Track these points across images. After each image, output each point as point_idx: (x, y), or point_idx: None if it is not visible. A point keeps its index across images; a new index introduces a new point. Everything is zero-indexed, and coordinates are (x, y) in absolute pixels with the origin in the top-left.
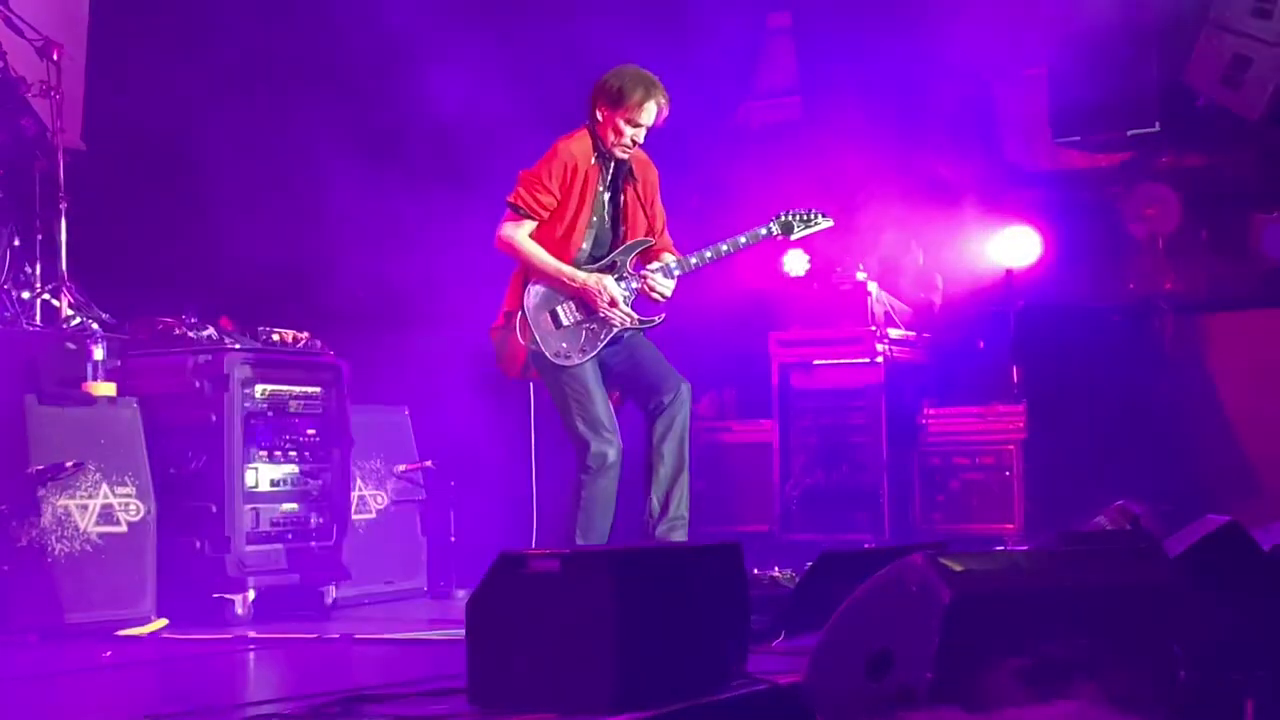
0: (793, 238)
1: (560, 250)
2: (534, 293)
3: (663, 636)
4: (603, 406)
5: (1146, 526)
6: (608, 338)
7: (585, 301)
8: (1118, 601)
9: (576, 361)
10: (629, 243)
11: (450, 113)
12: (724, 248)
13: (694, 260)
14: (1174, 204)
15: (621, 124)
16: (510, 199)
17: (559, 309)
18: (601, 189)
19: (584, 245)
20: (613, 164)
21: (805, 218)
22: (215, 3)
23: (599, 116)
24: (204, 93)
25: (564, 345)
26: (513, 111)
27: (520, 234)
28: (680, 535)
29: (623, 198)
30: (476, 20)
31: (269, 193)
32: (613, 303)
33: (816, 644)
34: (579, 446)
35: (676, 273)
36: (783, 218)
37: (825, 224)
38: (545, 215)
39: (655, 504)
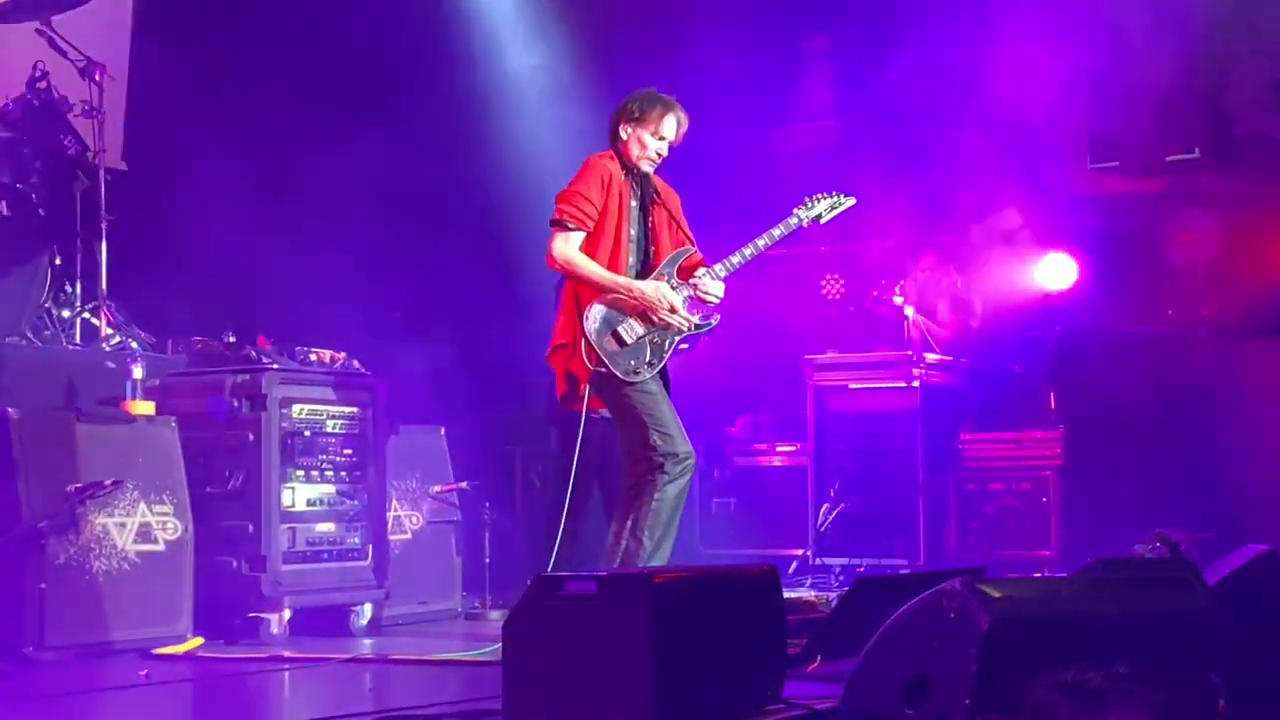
0: (822, 221)
1: (611, 266)
2: (593, 316)
3: (699, 660)
4: (672, 416)
5: (1185, 554)
6: (671, 347)
7: (643, 314)
8: (1157, 629)
9: (646, 375)
10: (672, 254)
11: (489, 137)
12: (761, 242)
13: (736, 260)
14: (1213, 229)
15: (646, 138)
16: (554, 217)
17: (620, 329)
18: (634, 204)
19: (630, 259)
20: (639, 184)
21: (831, 201)
22: (256, 24)
23: (623, 135)
24: (244, 112)
25: (632, 362)
26: (554, 138)
27: (572, 249)
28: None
29: (650, 219)
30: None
31: (308, 213)
32: (672, 309)
33: (853, 669)
34: (655, 457)
35: (722, 274)
36: (808, 204)
37: (849, 202)
38: (591, 225)
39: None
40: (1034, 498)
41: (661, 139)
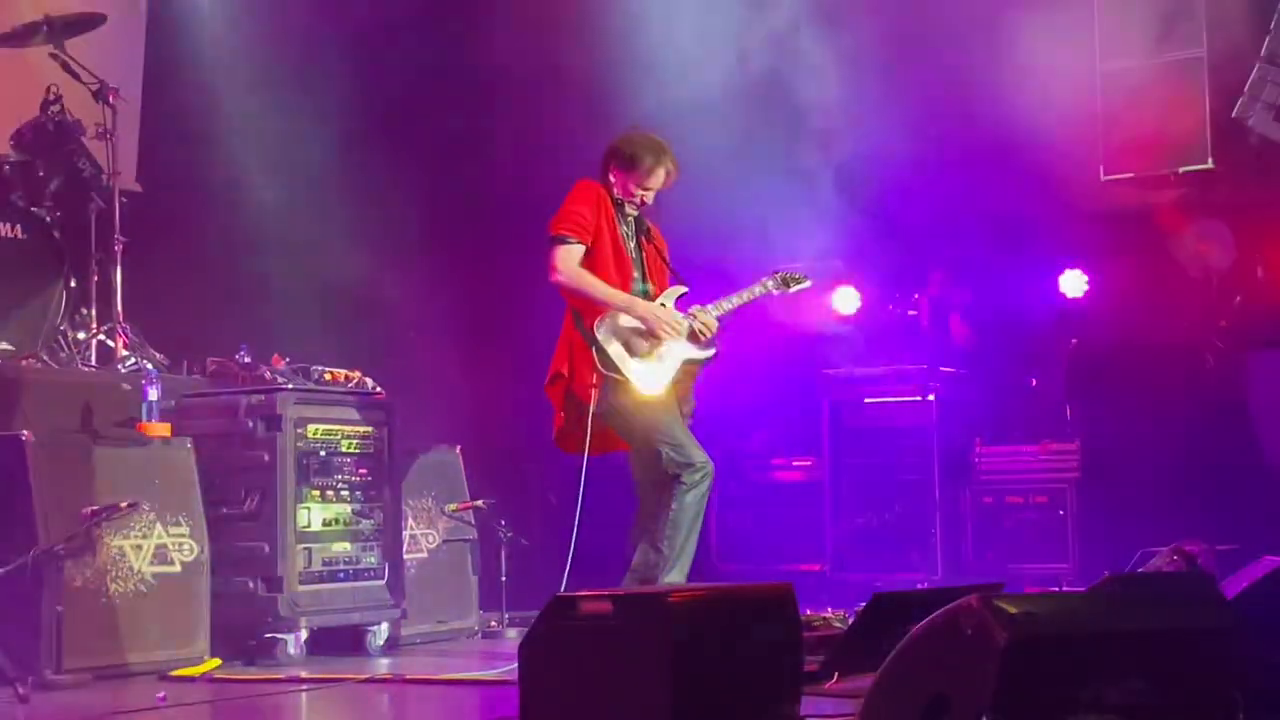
0: (790, 291)
1: (621, 286)
2: (604, 326)
3: (716, 678)
4: (682, 429)
5: (1203, 567)
6: (674, 369)
7: (646, 334)
8: (1175, 644)
9: (658, 390)
10: (670, 289)
11: (501, 146)
12: (735, 300)
13: (726, 305)
14: (1228, 241)
15: (632, 187)
16: (551, 234)
17: (629, 341)
18: (624, 230)
19: (635, 274)
20: (628, 216)
21: (795, 277)
22: (269, 44)
23: (611, 179)
24: (257, 133)
25: (645, 374)
26: (568, 148)
27: (574, 263)
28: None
29: (644, 253)
30: (524, 55)
31: (322, 232)
32: (674, 327)
33: (870, 687)
34: (671, 469)
35: (715, 314)
36: (779, 275)
37: (807, 284)
38: (588, 239)
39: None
40: (1051, 511)
41: (647, 190)
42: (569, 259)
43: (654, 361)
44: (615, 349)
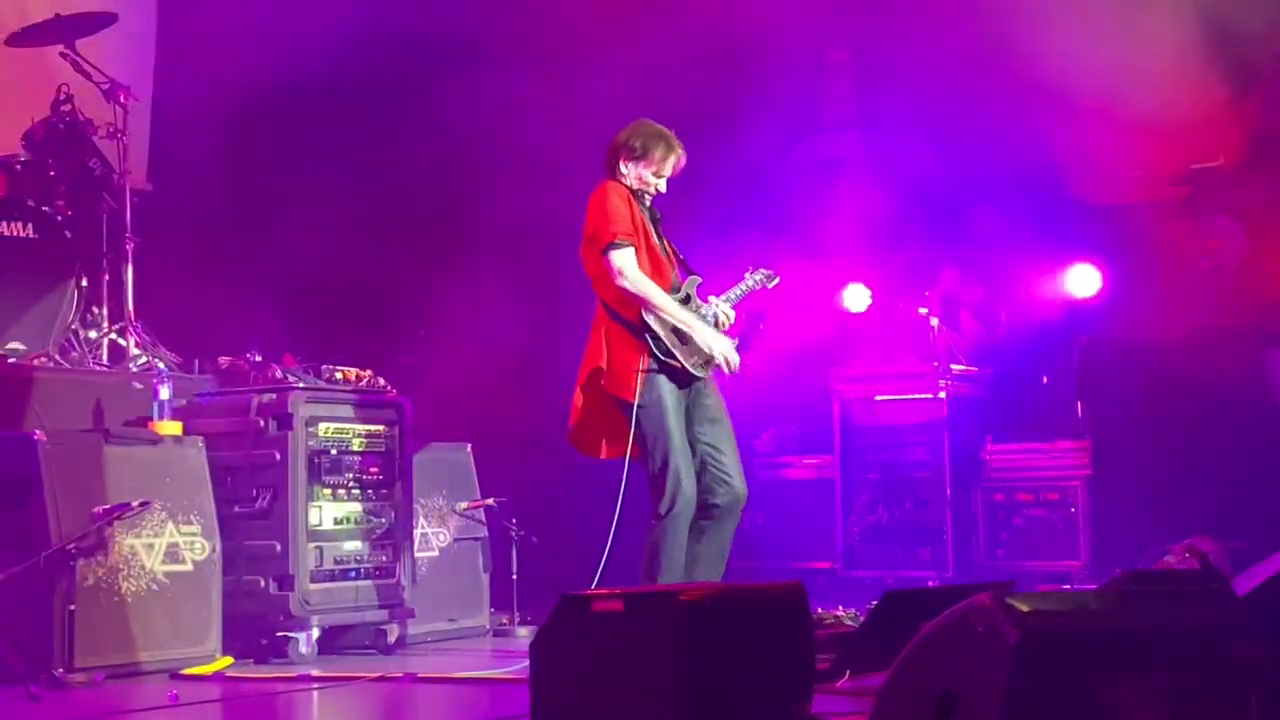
0: (769, 287)
1: (661, 284)
2: (651, 316)
3: (727, 677)
4: (685, 452)
5: (1215, 564)
6: (712, 363)
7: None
8: (1188, 642)
9: (706, 374)
10: (691, 278)
11: (508, 145)
12: (740, 289)
13: (733, 295)
14: (1239, 237)
15: (648, 176)
16: (604, 242)
17: (676, 330)
18: (649, 224)
19: (672, 272)
20: (647, 210)
21: (770, 274)
22: (276, 44)
23: (624, 170)
24: (267, 131)
25: (694, 360)
26: (571, 149)
27: (637, 267)
28: None
29: (664, 244)
30: (535, 59)
31: (332, 232)
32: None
33: (881, 685)
34: (660, 484)
35: (728, 304)
36: (760, 271)
37: (778, 280)
38: (638, 238)
39: None
40: (1062, 508)
41: (661, 177)
42: (632, 261)
43: (695, 350)
44: (668, 336)
